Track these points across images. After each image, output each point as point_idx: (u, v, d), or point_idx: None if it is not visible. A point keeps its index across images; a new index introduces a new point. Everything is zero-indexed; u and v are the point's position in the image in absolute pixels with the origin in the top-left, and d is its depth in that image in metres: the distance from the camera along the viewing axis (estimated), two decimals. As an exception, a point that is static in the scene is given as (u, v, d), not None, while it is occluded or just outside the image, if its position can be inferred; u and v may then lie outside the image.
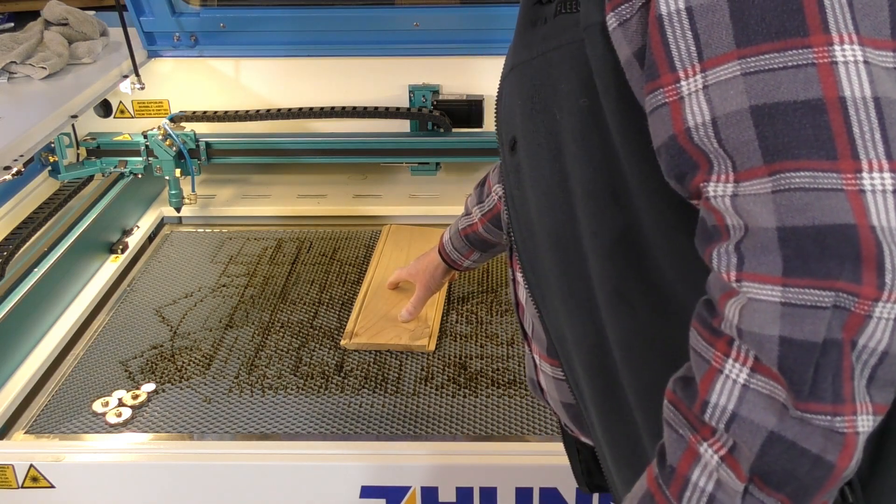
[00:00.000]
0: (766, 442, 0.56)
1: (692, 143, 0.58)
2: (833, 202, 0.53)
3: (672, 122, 0.59)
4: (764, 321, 0.55)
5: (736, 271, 0.56)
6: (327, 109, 2.06)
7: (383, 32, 2.06)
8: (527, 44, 0.76)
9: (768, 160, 0.55)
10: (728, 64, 0.56)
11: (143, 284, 1.81)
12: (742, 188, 0.56)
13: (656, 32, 0.58)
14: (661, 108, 0.59)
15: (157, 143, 1.97)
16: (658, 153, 0.61)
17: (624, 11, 0.63)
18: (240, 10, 2.08)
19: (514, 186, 0.81)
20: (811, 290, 0.54)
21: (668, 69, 0.58)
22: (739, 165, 0.56)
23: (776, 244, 0.54)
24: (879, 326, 0.53)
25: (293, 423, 1.38)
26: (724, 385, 0.58)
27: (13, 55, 1.88)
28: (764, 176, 0.55)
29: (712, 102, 0.56)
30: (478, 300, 1.72)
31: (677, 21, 0.57)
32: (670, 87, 0.59)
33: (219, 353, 1.56)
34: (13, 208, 1.77)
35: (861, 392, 0.55)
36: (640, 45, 0.62)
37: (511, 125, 0.80)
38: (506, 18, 2.02)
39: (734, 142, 0.56)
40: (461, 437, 1.35)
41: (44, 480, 1.27)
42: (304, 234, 2.00)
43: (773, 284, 0.55)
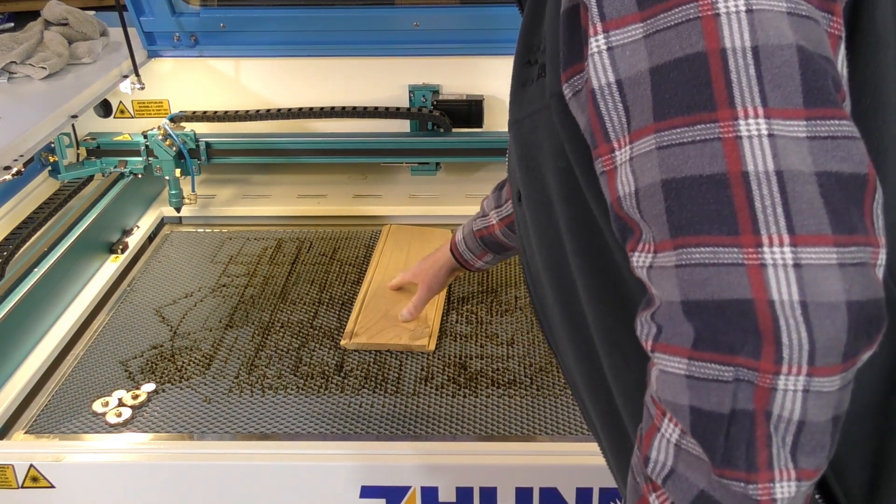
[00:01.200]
0: (696, 500, 0.58)
1: (623, 212, 0.60)
2: (732, 277, 0.54)
3: (609, 190, 0.61)
4: (674, 391, 0.57)
5: (652, 341, 0.58)
6: (327, 109, 2.06)
7: (383, 32, 2.06)
8: (518, 103, 0.79)
9: (673, 234, 0.56)
10: (647, 137, 0.57)
11: (143, 284, 1.81)
12: (657, 260, 0.58)
13: (591, 105, 0.60)
14: (602, 176, 0.62)
15: (157, 143, 1.97)
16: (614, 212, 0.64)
17: (576, 83, 0.65)
18: (240, 10, 2.08)
19: (524, 237, 0.84)
20: (713, 365, 0.55)
21: (603, 139, 0.61)
22: (656, 237, 0.58)
23: (682, 317, 0.56)
24: (787, 398, 0.54)
25: (293, 423, 1.38)
26: (661, 443, 0.60)
27: (13, 55, 1.88)
28: (669, 249, 0.56)
29: (635, 174, 0.58)
30: (478, 300, 1.72)
31: (608, 94, 0.59)
32: (607, 156, 0.61)
33: (219, 353, 1.56)
34: (13, 208, 1.77)
35: (781, 459, 0.55)
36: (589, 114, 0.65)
37: (515, 178, 0.83)
38: (506, 18, 2.02)
39: (649, 214, 0.58)
40: (461, 437, 1.35)
41: (44, 480, 1.27)
42: (304, 234, 2.00)
43: (680, 357, 0.56)
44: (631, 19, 0.58)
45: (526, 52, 0.79)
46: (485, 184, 2.16)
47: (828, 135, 0.55)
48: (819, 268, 0.53)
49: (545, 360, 1.52)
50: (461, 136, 2.08)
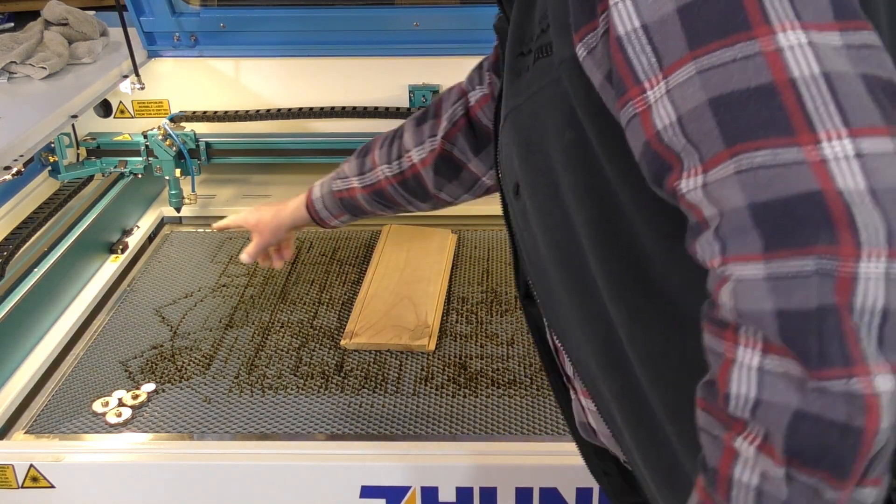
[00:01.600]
0: (793, 421, 0.56)
1: (663, 145, 0.61)
2: (796, 173, 0.55)
3: (644, 129, 0.62)
4: (756, 298, 0.56)
5: (720, 256, 0.58)
6: (327, 109, 2.06)
7: (383, 32, 2.06)
8: (514, 93, 0.81)
9: (729, 143, 0.57)
10: (684, 67, 0.59)
11: (143, 284, 1.81)
12: (710, 176, 0.58)
13: (618, 52, 0.62)
14: (634, 120, 0.63)
15: (157, 143, 1.97)
16: (639, 164, 0.64)
17: (590, 40, 0.67)
18: (240, 10, 2.08)
19: (523, 230, 0.84)
20: (792, 261, 0.55)
21: (633, 83, 0.62)
22: (705, 155, 0.59)
23: (751, 222, 0.56)
24: (870, 285, 0.54)
25: (293, 423, 1.38)
26: (741, 373, 0.58)
27: (13, 55, 1.88)
28: (726, 160, 0.57)
29: (675, 103, 0.60)
30: (478, 300, 1.72)
31: (635, 38, 0.62)
32: (638, 98, 0.62)
33: (219, 353, 1.56)
34: (13, 208, 1.77)
35: (873, 354, 0.55)
36: (608, 69, 0.66)
37: (512, 172, 0.83)
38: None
39: (698, 134, 0.59)
40: (461, 437, 1.35)
41: (44, 480, 1.27)
42: (304, 234, 2.00)
43: (755, 262, 0.56)
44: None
45: (518, 45, 0.81)
46: (485, 184, 2.17)
47: (861, 44, 0.57)
48: (880, 156, 0.54)
49: (545, 360, 1.52)
50: (461, 136, 2.08)
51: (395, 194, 1.37)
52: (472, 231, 1.99)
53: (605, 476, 1.01)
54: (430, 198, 1.37)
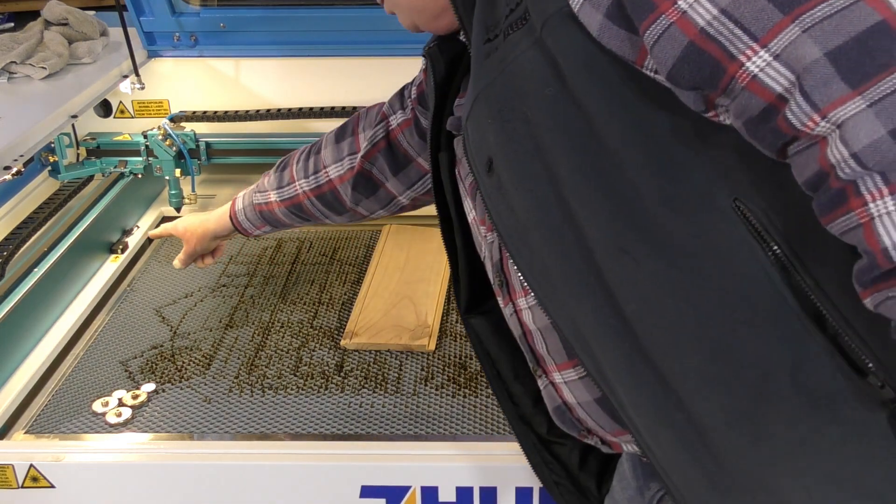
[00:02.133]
0: None
1: (709, 39, 0.63)
2: (856, 12, 0.59)
3: (684, 32, 0.64)
4: (867, 130, 0.59)
5: (816, 113, 0.60)
6: (327, 109, 2.06)
7: (383, 32, 2.05)
8: (484, 73, 0.83)
9: (786, 11, 0.61)
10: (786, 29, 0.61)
11: (143, 284, 1.81)
12: (775, 45, 0.61)
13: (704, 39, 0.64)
14: (669, 30, 0.65)
15: (157, 143, 1.97)
16: (675, 74, 0.66)
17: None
18: (240, 10, 2.08)
19: (499, 204, 0.85)
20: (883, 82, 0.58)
21: (729, 61, 0.63)
22: (760, 32, 0.61)
23: (831, 68, 0.59)
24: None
25: (293, 423, 1.38)
26: (885, 224, 0.59)
27: (13, 55, 1.88)
28: (788, 25, 0.60)
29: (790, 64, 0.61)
30: (478, 300, 1.72)
31: (720, 24, 0.63)
32: (671, 9, 0.64)
33: (219, 353, 1.56)
34: (13, 208, 1.77)
35: None
36: (607, 6, 0.69)
37: (484, 149, 0.84)
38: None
39: (749, 15, 0.62)
40: (461, 437, 1.35)
41: (44, 480, 1.27)
42: (304, 234, 2.00)
43: (851, 99, 0.59)
44: None
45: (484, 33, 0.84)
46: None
47: None
48: None
49: (545, 360, 1.52)
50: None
51: (311, 208, 1.43)
52: (472, 231, 1.99)
53: (557, 485, 1.02)
54: (346, 211, 1.43)
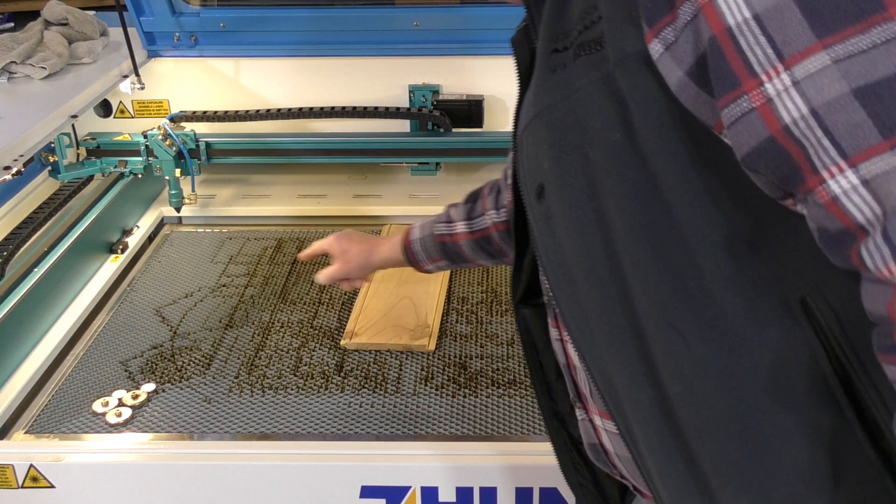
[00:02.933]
0: None
1: (793, 139, 0.58)
2: None
3: (766, 124, 0.59)
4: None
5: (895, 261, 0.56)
6: (327, 109, 2.06)
7: (383, 32, 2.06)
8: (548, 90, 0.76)
9: (887, 134, 0.55)
10: (813, 56, 0.57)
11: (143, 284, 1.81)
12: (867, 170, 0.56)
13: (729, 43, 0.59)
14: (749, 115, 0.59)
15: (157, 143, 1.97)
16: (749, 162, 0.61)
17: (668, 35, 0.63)
18: (240, 10, 2.08)
19: (545, 234, 0.80)
20: None
21: (748, 75, 0.58)
22: (852, 149, 0.56)
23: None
24: None
25: (293, 423, 1.38)
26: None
27: (13, 55, 1.88)
28: (886, 151, 0.55)
29: (807, 95, 0.57)
30: (478, 300, 1.72)
31: (747, 29, 0.58)
32: (755, 91, 0.59)
33: (219, 353, 1.56)
34: (13, 208, 1.77)
35: None
36: (691, 64, 0.62)
37: (537, 173, 0.79)
38: (506, 18, 2.02)
39: (843, 127, 0.56)
40: (461, 437, 1.35)
41: (44, 480, 1.27)
42: (304, 234, 2.00)
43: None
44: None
45: (552, 42, 0.76)
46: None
47: None
48: None
49: (545, 360, 1.52)
50: (461, 136, 2.08)
51: (500, 241, 1.31)
52: (472, 231, 1.99)
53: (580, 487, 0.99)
54: None
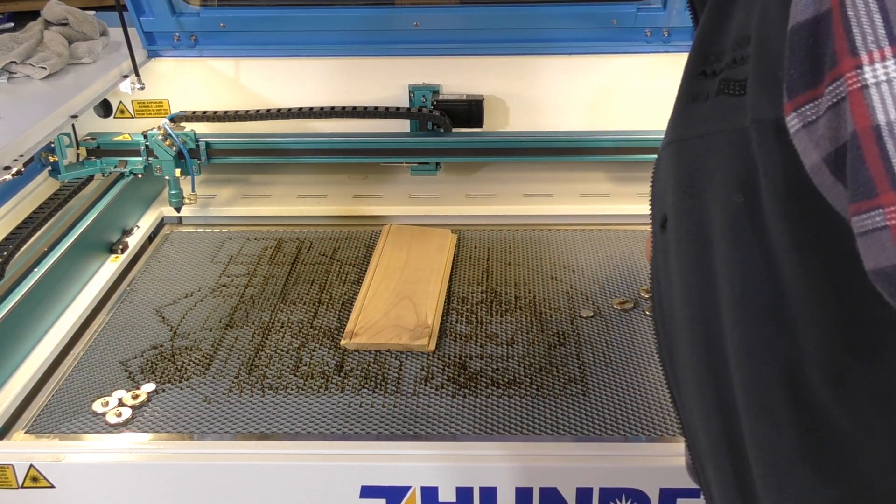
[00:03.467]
0: None
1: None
2: None
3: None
4: None
5: None
6: (327, 109, 2.06)
7: (383, 32, 2.05)
8: (685, 120, 0.71)
9: None
10: None
11: (143, 284, 1.81)
12: None
13: (872, 145, 0.52)
14: (881, 233, 0.52)
15: (157, 143, 1.97)
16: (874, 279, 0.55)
17: (809, 112, 0.56)
18: (240, 10, 2.08)
19: (661, 265, 0.77)
20: None
21: (889, 188, 0.51)
22: None
23: None
24: None
25: (293, 423, 1.38)
26: None
27: (13, 55, 1.88)
28: None
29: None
30: (478, 300, 1.72)
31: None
32: (892, 207, 0.52)
33: (219, 353, 1.56)
34: (13, 208, 1.77)
35: None
36: (829, 151, 0.56)
37: (663, 202, 0.75)
38: (505, 18, 2.02)
39: None
40: (461, 437, 1.35)
41: (44, 480, 1.27)
42: (304, 234, 2.00)
43: None
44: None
45: (701, 62, 0.70)
46: (485, 184, 2.17)
47: None
48: None
49: (545, 360, 1.52)
50: (461, 136, 2.08)
51: None
52: (472, 231, 1.99)
53: None
54: None
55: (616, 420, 1.37)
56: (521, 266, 1.84)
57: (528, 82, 2.09)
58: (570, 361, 1.52)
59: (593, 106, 2.11)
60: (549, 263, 1.85)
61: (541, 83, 2.09)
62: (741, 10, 0.66)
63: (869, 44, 0.51)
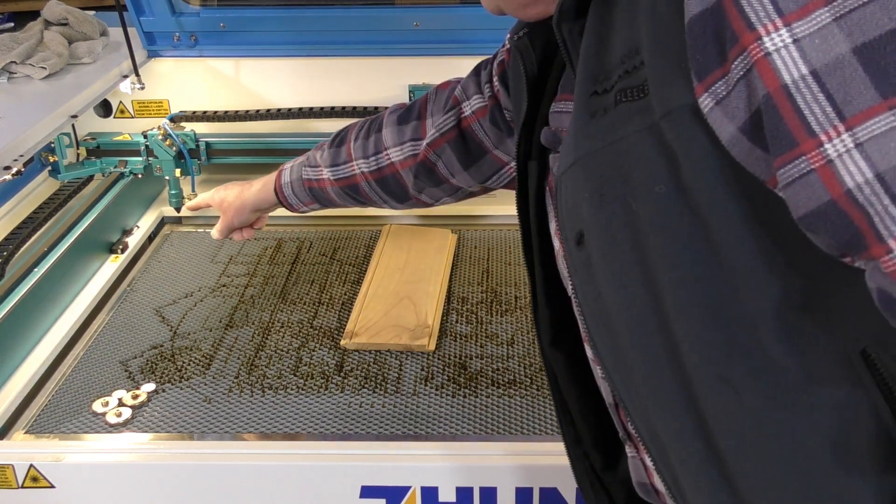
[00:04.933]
0: None
1: (856, 205, 0.55)
2: None
3: (826, 187, 0.56)
4: None
5: None
6: (327, 109, 2.06)
7: (383, 32, 2.05)
8: (588, 135, 0.73)
9: None
10: (878, 117, 0.54)
11: (143, 284, 1.81)
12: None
13: (785, 101, 0.56)
14: (808, 177, 0.56)
15: (157, 143, 1.97)
16: (807, 224, 0.59)
17: (719, 89, 0.61)
18: (240, 10, 2.08)
19: (585, 282, 0.77)
20: None
21: (806, 135, 0.56)
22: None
23: None
24: None
25: (293, 423, 1.38)
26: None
27: (13, 55, 1.88)
28: None
29: (871, 159, 0.54)
30: (478, 300, 1.72)
31: (804, 86, 0.55)
32: (813, 152, 0.56)
33: (219, 353, 1.56)
34: (13, 208, 1.77)
35: None
36: (744, 119, 0.60)
37: (576, 219, 0.76)
38: (505, 19, 2.01)
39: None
40: (461, 437, 1.35)
41: (44, 480, 1.27)
42: (304, 234, 2.00)
43: None
44: (814, 6, 0.55)
45: (591, 84, 0.73)
46: (485, 184, 2.17)
47: None
48: None
49: (545, 360, 1.52)
50: (461, 136, 2.08)
51: (370, 191, 1.32)
52: (472, 231, 1.99)
53: None
54: (408, 199, 1.33)
55: (616, 420, 1.37)
56: (521, 266, 1.84)
57: (528, 82, 2.09)
58: (570, 361, 1.51)
59: (593, 106, 2.11)
60: (549, 263, 1.85)
61: (541, 83, 2.09)
62: (618, 30, 0.71)
63: (762, 18, 0.56)
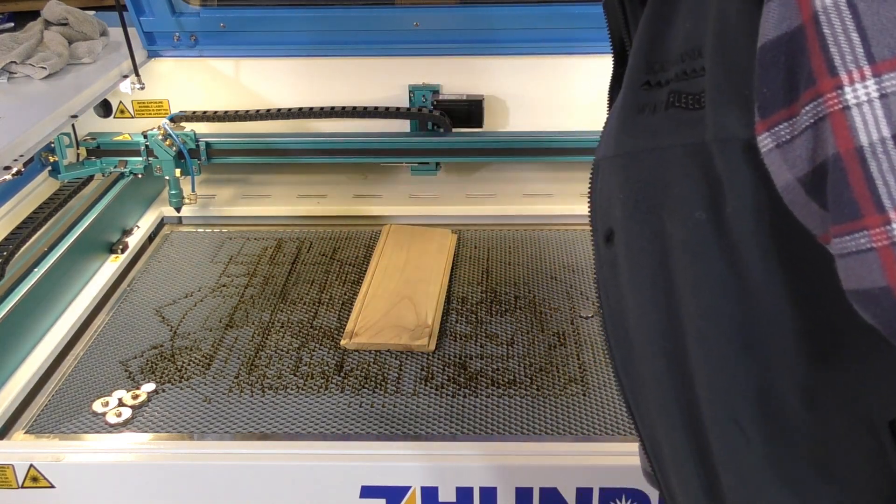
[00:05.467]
0: None
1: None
2: None
3: (885, 272, 0.50)
4: None
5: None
6: (327, 109, 2.06)
7: (383, 32, 2.06)
8: (632, 132, 0.68)
9: None
10: None
11: (143, 284, 1.81)
12: None
13: (856, 166, 0.50)
14: (867, 254, 0.50)
15: (157, 143, 1.97)
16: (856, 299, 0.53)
17: (783, 132, 0.54)
18: (240, 10, 2.08)
19: (609, 281, 0.74)
20: None
21: (874, 209, 0.49)
22: None
23: None
24: None
25: (293, 423, 1.38)
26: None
27: (13, 55, 1.88)
28: None
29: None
30: (478, 300, 1.72)
31: (882, 152, 0.49)
32: (878, 229, 0.50)
33: (219, 353, 1.56)
34: (13, 208, 1.77)
35: None
36: (806, 171, 0.53)
37: (608, 216, 0.72)
38: (505, 18, 2.02)
39: None
40: (461, 437, 1.35)
41: (44, 480, 1.27)
42: (304, 234, 2.00)
43: None
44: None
45: (644, 71, 0.67)
46: (485, 184, 2.17)
47: None
48: None
49: (545, 360, 1.52)
50: (461, 136, 2.08)
51: None
52: (472, 231, 1.99)
53: None
54: None
55: (616, 420, 1.37)
56: (521, 266, 1.84)
57: (528, 82, 2.09)
58: (570, 361, 1.52)
59: (593, 106, 2.11)
60: (549, 263, 1.85)
61: (541, 83, 2.09)
62: (684, 18, 0.64)
63: (848, 63, 0.49)
